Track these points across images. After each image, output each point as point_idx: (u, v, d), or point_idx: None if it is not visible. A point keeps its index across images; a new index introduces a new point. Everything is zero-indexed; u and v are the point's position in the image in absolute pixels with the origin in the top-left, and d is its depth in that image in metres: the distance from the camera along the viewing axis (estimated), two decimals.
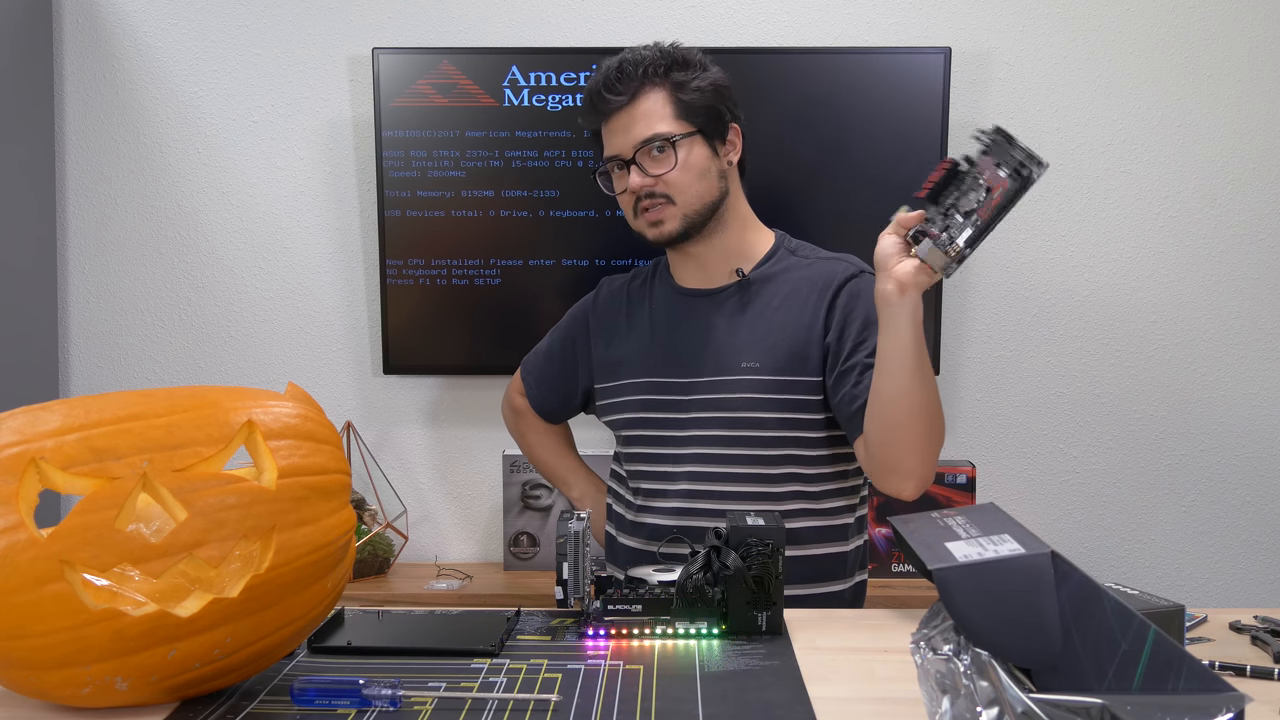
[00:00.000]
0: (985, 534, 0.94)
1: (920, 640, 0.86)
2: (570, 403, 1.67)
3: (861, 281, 1.47)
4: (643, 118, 1.43)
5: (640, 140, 1.43)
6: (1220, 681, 0.69)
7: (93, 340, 2.39)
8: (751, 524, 1.13)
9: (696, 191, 1.45)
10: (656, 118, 1.43)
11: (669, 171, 1.43)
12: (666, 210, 1.45)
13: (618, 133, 1.45)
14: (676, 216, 1.45)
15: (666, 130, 1.43)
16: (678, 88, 1.44)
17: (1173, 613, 1.03)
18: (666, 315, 1.55)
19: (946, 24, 2.28)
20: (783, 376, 1.44)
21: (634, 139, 1.43)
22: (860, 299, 1.45)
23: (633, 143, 1.43)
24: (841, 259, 1.52)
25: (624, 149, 1.44)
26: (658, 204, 1.45)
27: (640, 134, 1.43)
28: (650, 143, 1.43)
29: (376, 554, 2.24)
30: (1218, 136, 2.29)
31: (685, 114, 1.44)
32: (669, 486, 1.49)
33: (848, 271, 1.49)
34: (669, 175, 1.43)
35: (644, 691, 0.97)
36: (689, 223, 1.46)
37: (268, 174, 2.35)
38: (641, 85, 1.43)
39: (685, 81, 1.44)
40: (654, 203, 1.45)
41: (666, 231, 1.46)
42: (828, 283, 1.47)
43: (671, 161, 1.43)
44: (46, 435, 0.90)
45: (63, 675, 0.89)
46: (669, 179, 1.43)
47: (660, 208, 1.45)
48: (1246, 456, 2.34)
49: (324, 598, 1.00)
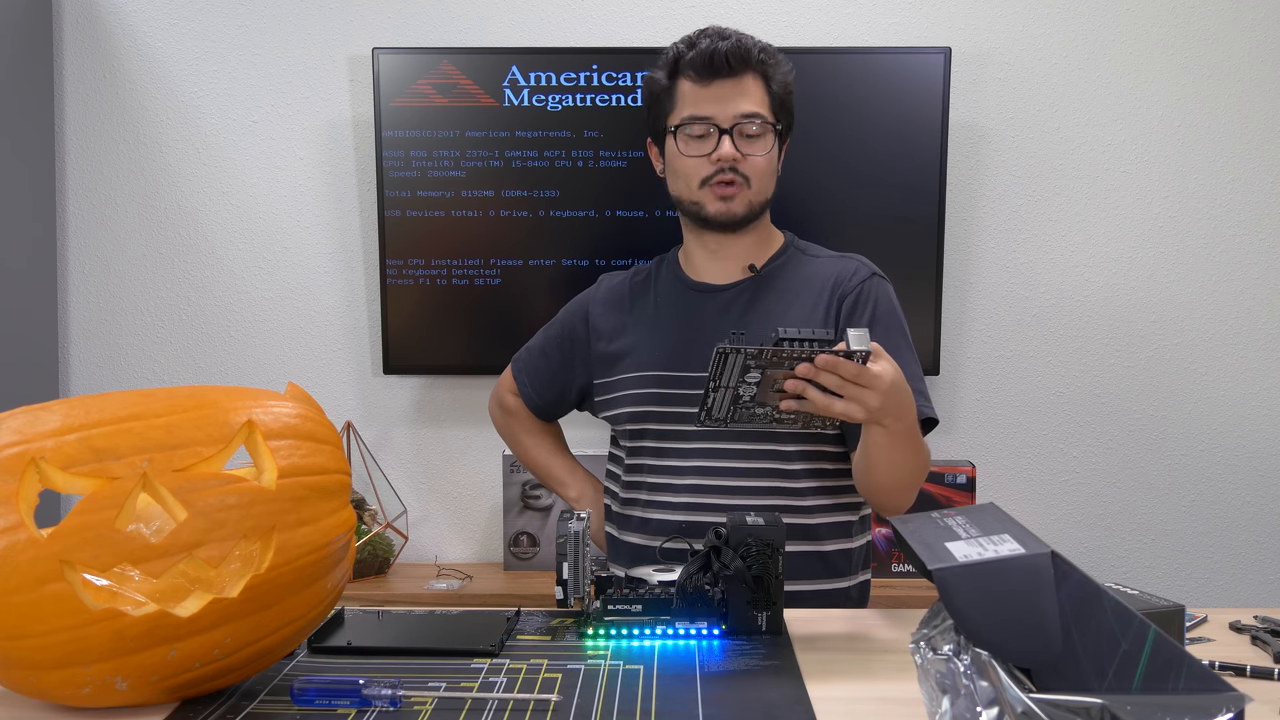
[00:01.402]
0: (985, 534, 0.94)
1: (920, 640, 0.86)
2: (565, 400, 1.66)
3: (870, 286, 1.48)
4: (746, 94, 1.44)
5: (744, 113, 1.43)
6: (1220, 681, 0.69)
7: (93, 340, 2.39)
8: (751, 524, 1.13)
9: (767, 184, 1.48)
10: (758, 99, 1.45)
11: (762, 155, 1.45)
12: (741, 190, 1.45)
13: (719, 99, 1.43)
14: (745, 201, 1.46)
15: (768, 115, 1.45)
16: (774, 82, 1.46)
17: (1173, 613, 1.03)
18: (674, 309, 1.54)
19: (946, 24, 2.28)
20: None
21: (737, 110, 1.43)
22: (866, 306, 1.46)
23: (735, 113, 1.43)
24: (850, 258, 1.53)
25: (724, 116, 1.43)
26: (736, 183, 1.45)
27: (744, 107, 1.43)
28: (752, 119, 1.43)
29: (376, 554, 2.24)
30: (1218, 136, 2.29)
31: (776, 107, 1.46)
32: (677, 481, 1.48)
33: (859, 274, 1.49)
34: (756, 159, 1.44)
35: (644, 691, 0.97)
36: (751, 211, 1.47)
37: (268, 174, 2.35)
38: (749, 65, 1.44)
39: (782, 78, 1.47)
40: (733, 180, 1.45)
41: (732, 210, 1.46)
42: (837, 282, 1.48)
43: (766, 145, 1.45)
44: (46, 435, 0.90)
45: (63, 675, 0.89)
46: (755, 162, 1.44)
47: (738, 186, 1.45)
48: (1246, 456, 2.34)
49: (324, 598, 1.00)
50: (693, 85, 1.45)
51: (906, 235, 2.21)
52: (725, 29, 1.47)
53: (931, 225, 2.21)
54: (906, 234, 2.21)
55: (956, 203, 2.29)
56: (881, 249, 2.13)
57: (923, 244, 2.21)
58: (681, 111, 1.46)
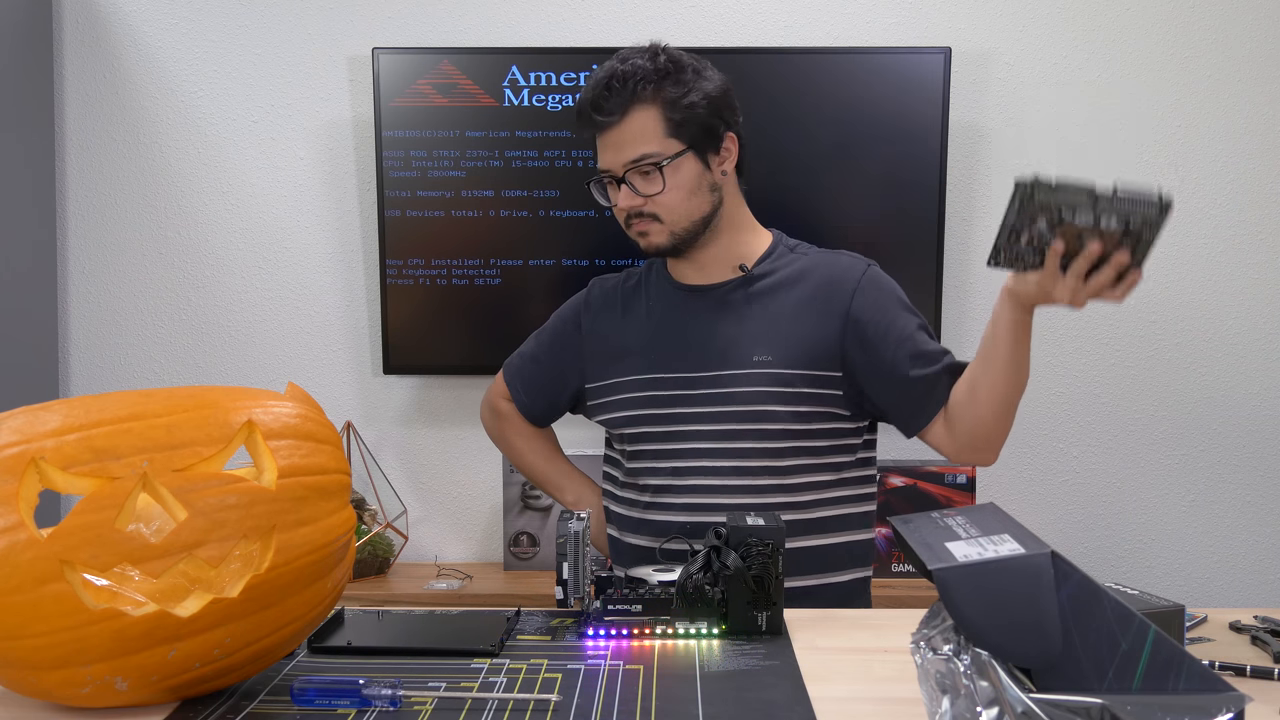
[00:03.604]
0: (985, 534, 0.94)
1: (920, 640, 0.86)
2: (558, 404, 1.65)
3: (870, 276, 1.49)
4: (632, 138, 1.42)
5: (629, 160, 1.43)
6: (1220, 681, 0.69)
7: (93, 340, 2.39)
8: (751, 524, 1.13)
9: (685, 210, 1.46)
10: (646, 137, 1.42)
11: (658, 194, 1.44)
12: (654, 226, 1.46)
13: (609, 149, 1.45)
14: (664, 233, 1.47)
15: (655, 150, 1.42)
16: (669, 104, 1.42)
17: (1173, 613, 1.03)
18: (667, 310, 1.54)
19: (946, 24, 2.28)
20: (796, 370, 1.45)
21: (623, 159, 1.43)
22: (877, 293, 1.48)
23: (622, 162, 1.43)
24: (841, 254, 1.54)
25: (614, 167, 1.45)
26: (645, 221, 1.46)
27: (629, 154, 1.43)
28: (639, 163, 1.43)
29: (376, 554, 2.24)
30: (1218, 136, 2.29)
31: (675, 131, 1.43)
32: (679, 482, 1.48)
33: (858, 269, 1.50)
34: (658, 197, 1.44)
35: (644, 691, 0.97)
36: (677, 239, 1.47)
37: (268, 174, 2.35)
38: (631, 103, 1.42)
39: (677, 97, 1.42)
40: (642, 221, 1.46)
41: (654, 244, 1.48)
42: (835, 280, 1.49)
43: (660, 184, 1.43)
44: (46, 435, 0.90)
45: (63, 675, 0.89)
46: (657, 200, 1.44)
47: (648, 223, 1.46)
48: (1246, 457, 2.34)
49: (324, 598, 1.00)
50: (597, 137, 1.46)
51: (906, 235, 2.21)
52: (611, 65, 1.44)
53: (931, 225, 2.21)
54: (906, 233, 2.21)
55: (956, 203, 2.29)
56: (881, 248, 2.14)
57: (923, 243, 2.21)
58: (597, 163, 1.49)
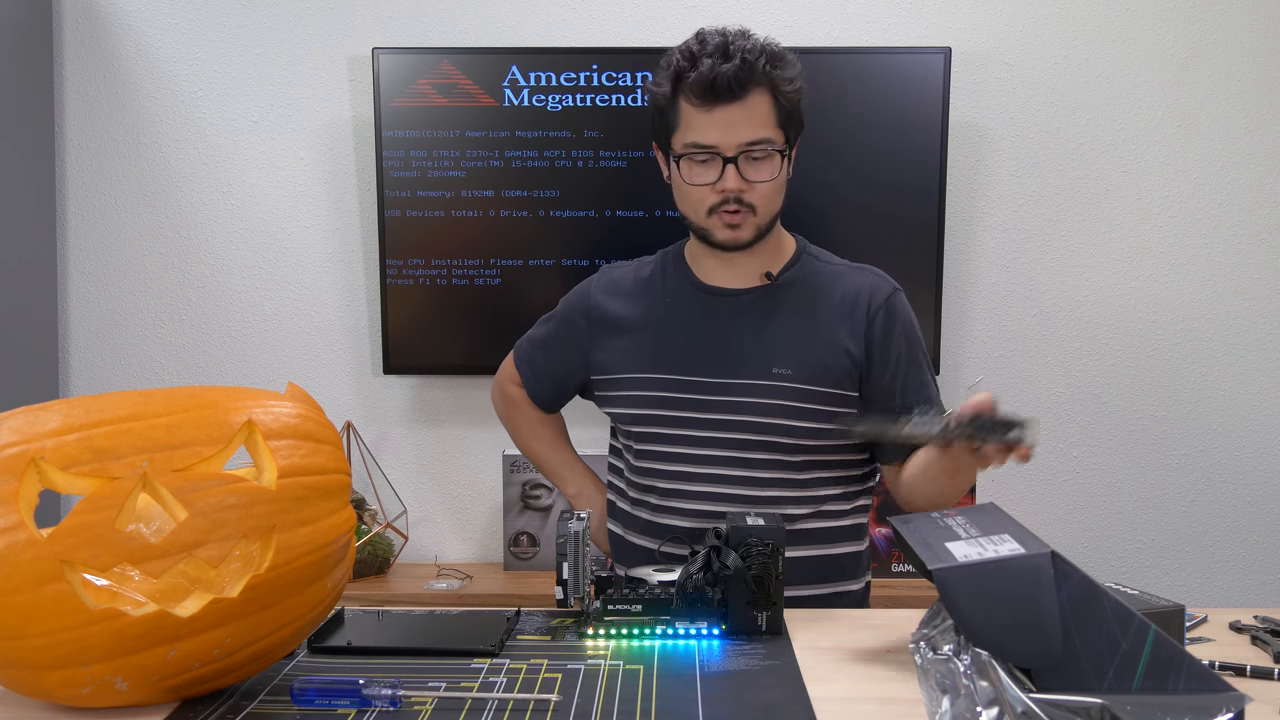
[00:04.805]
0: (985, 534, 0.94)
1: (920, 640, 0.86)
2: (566, 390, 1.62)
3: (895, 303, 1.46)
4: (751, 118, 1.35)
5: (748, 141, 1.35)
6: (1220, 681, 0.69)
7: (93, 340, 2.39)
8: (751, 524, 1.13)
9: (773, 205, 1.41)
10: (764, 120, 1.35)
11: (768, 181, 1.37)
12: (747, 218, 1.39)
13: (722, 125, 1.35)
14: (753, 226, 1.40)
15: (771, 137, 1.36)
16: (778, 91, 1.36)
17: (1173, 613, 1.03)
18: (684, 308, 1.49)
19: (946, 24, 2.28)
20: (816, 387, 1.42)
21: (739, 139, 1.35)
22: (895, 321, 1.46)
23: (739, 141, 1.35)
24: (865, 270, 1.50)
25: (727, 145, 1.35)
26: (742, 211, 1.38)
27: (746, 135, 1.35)
28: (757, 145, 1.35)
29: (376, 554, 2.24)
30: (1218, 136, 2.29)
31: (784, 120, 1.37)
32: (689, 487, 1.46)
33: (881, 290, 1.47)
34: (760, 185, 1.37)
35: (644, 691, 0.97)
36: (759, 234, 1.42)
37: (268, 174, 2.35)
38: (755, 80, 1.34)
39: (785, 84, 1.36)
40: (738, 210, 1.38)
41: (740, 238, 1.40)
42: (859, 298, 1.46)
43: (773, 169, 1.37)
44: (46, 435, 0.90)
45: (63, 675, 0.89)
46: (761, 189, 1.37)
47: (744, 214, 1.38)
48: (1246, 457, 2.34)
49: (324, 598, 1.00)
50: (694, 109, 1.36)
51: (906, 235, 2.21)
52: (729, 40, 1.36)
53: (931, 225, 2.21)
54: (906, 234, 2.21)
55: (956, 203, 2.29)
56: (882, 249, 2.14)
57: (923, 244, 2.21)
58: (685, 136, 1.38)
